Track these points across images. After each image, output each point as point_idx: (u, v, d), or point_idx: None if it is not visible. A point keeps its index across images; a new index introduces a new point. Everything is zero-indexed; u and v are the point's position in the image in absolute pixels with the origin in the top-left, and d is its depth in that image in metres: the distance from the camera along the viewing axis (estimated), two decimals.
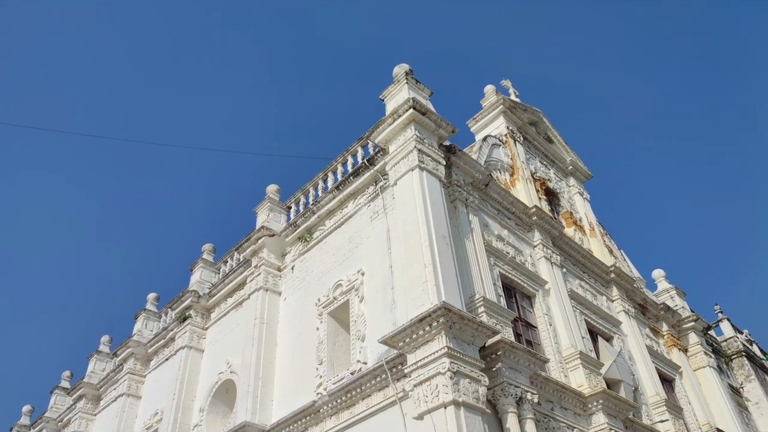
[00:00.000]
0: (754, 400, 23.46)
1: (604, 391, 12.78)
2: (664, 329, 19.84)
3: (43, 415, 23.93)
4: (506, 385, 10.36)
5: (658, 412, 15.61)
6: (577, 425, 12.22)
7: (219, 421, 15.35)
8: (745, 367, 24.39)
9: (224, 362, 15.94)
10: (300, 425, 12.19)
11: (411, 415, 9.66)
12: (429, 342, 9.77)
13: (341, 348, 12.92)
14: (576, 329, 14.39)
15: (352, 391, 11.32)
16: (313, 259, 14.99)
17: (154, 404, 17.77)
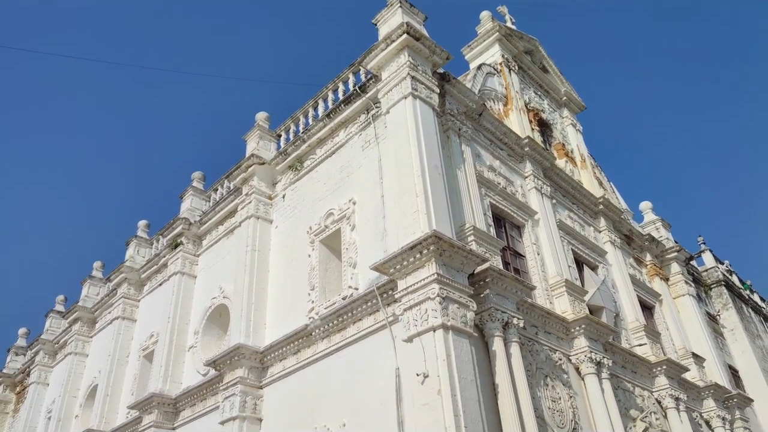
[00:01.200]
0: (730, 327, 24.48)
1: (587, 316, 13.23)
2: (648, 259, 20.34)
3: (39, 337, 24.50)
4: (493, 310, 10.68)
5: (636, 336, 16.27)
6: (559, 348, 12.73)
7: (214, 343, 15.82)
8: (723, 296, 25.27)
9: (217, 288, 16.23)
10: (293, 347, 12.59)
11: (401, 338, 9.99)
12: (419, 269, 9.96)
13: (333, 274, 13.16)
14: (563, 258, 14.71)
15: (343, 315, 11.63)
16: (304, 188, 14.97)
17: (149, 327, 18.22)
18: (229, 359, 13.06)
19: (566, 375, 12.49)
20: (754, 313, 27.68)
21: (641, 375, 15.30)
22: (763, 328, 27.92)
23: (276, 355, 12.92)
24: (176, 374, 15.84)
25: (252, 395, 12.80)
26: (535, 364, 11.73)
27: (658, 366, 15.56)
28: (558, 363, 12.46)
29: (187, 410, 14.98)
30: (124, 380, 18.24)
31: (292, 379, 12.50)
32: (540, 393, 11.37)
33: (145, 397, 15.31)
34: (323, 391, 11.59)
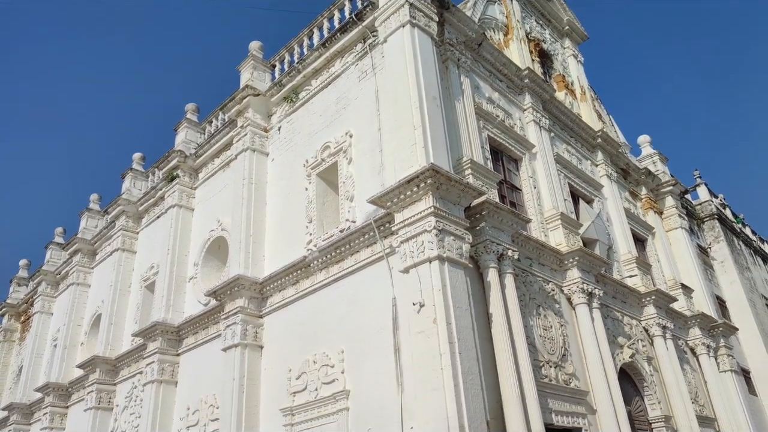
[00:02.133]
0: (720, 260, 24.98)
1: (581, 249, 13.46)
2: (643, 193, 20.47)
3: (40, 268, 24.85)
4: (489, 242, 10.84)
5: (628, 268, 16.62)
6: (552, 279, 13.03)
7: (213, 274, 16.09)
8: (715, 229, 25.62)
9: (215, 220, 16.34)
10: (291, 278, 12.84)
11: (397, 269, 10.18)
12: (416, 202, 10.01)
13: (330, 208, 13.23)
14: (559, 192, 14.78)
15: (341, 247, 11.79)
16: (300, 120, 14.78)
17: (150, 258, 18.47)
18: (229, 290, 13.33)
19: (558, 305, 12.84)
20: (744, 245, 28.18)
21: (630, 305, 15.75)
22: (753, 260, 28.51)
23: (275, 286, 13.19)
24: (178, 304, 16.21)
25: (252, 324, 13.16)
26: (528, 294, 12.03)
27: (648, 296, 16.00)
28: (551, 293, 12.78)
29: (190, 338, 15.44)
30: (127, 310, 18.68)
31: (291, 308, 12.82)
32: (532, 322, 11.73)
33: (149, 326, 15.73)
34: (322, 320, 11.92)
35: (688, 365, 17.28)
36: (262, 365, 12.89)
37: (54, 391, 19.53)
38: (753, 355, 22.98)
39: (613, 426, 11.79)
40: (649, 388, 14.82)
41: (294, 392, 11.80)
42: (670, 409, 14.94)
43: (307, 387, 11.59)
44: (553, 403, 11.17)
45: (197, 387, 14.46)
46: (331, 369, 11.27)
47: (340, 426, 10.62)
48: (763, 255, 30.74)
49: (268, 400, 12.35)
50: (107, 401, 17.47)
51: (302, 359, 11.94)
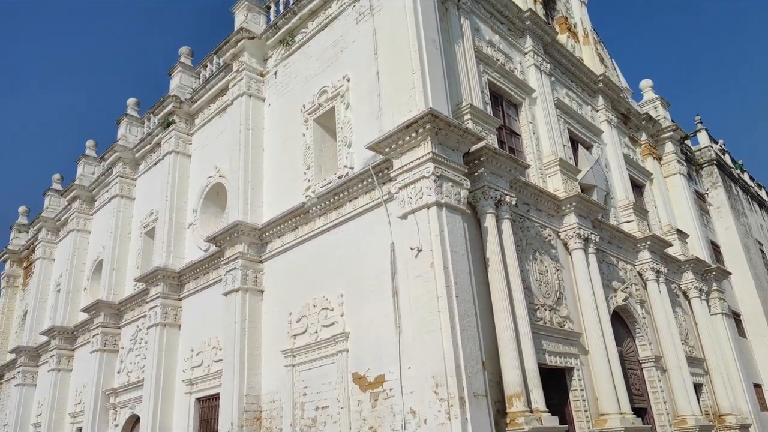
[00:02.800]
0: (716, 205, 25.11)
1: (578, 194, 13.50)
2: (643, 138, 20.34)
3: (39, 215, 24.93)
4: (487, 188, 10.86)
5: (625, 214, 16.72)
6: (549, 225, 13.13)
7: (212, 220, 16.18)
8: (713, 174, 25.62)
9: (212, 167, 16.28)
10: (290, 224, 12.92)
11: (395, 215, 10.24)
12: (415, 148, 9.95)
13: (328, 154, 13.16)
14: (558, 138, 14.68)
15: (339, 193, 11.81)
16: (297, 64, 14.49)
17: (149, 205, 18.52)
18: (229, 236, 13.44)
19: (554, 250, 13.00)
20: (742, 191, 28.26)
21: (626, 250, 15.95)
22: (749, 206, 28.66)
23: (274, 232, 13.29)
24: (178, 250, 16.38)
25: (253, 269, 13.34)
26: (525, 239, 12.16)
27: (643, 241, 16.17)
28: (547, 239, 12.91)
29: (191, 283, 15.68)
30: (128, 255, 18.88)
31: (291, 254, 12.97)
32: (528, 266, 11.90)
33: (150, 271, 15.95)
34: (322, 265, 12.08)
35: (680, 308, 17.67)
36: (263, 309, 13.15)
37: (59, 335, 19.99)
38: (744, 299, 23.46)
39: (605, 366, 12.17)
40: (641, 330, 15.20)
41: (294, 335, 12.10)
42: (661, 349, 15.38)
43: (307, 329, 11.87)
44: (547, 344, 11.49)
45: (200, 330, 14.80)
46: (330, 312, 11.51)
47: (339, 367, 10.95)
48: (760, 201, 30.88)
49: (270, 342, 12.67)
50: (112, 344, 17.91)
51: (302, 303, 12.17)
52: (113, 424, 17.04)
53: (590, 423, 11.67)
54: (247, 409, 12.17)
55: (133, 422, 16.46)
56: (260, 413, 12.30)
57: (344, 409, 10.59)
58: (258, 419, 12.25)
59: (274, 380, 12.25)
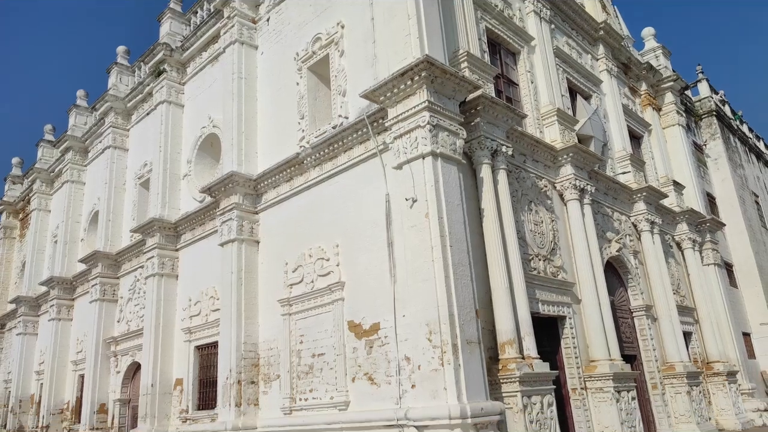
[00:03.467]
0: (714, 157, 25.02)
1: (575, 145, 13.39)
2: (643, 89, 20.05)
3: (33, 166, 24.74)
4: (483, 138, 10.75)
5: (621, 165, 16.65)
6: (545, 176, 13.09)
7: (207, 171, 16.07)
8: (712, 126, 25.41)
9: (206, 117, 16.05)
10: (285, 175, 12.84)
11: (391, 165, 10.17)
12: (410, 96, 9.78)
13: (322, 103, 12.95)
14: (557, 87, 14.45)
15: (334, 143, 11.69)
16: (290, 10, 14.08)
17: (142, 156, 18.35)
18: (224, 186, 13.38)
19: (550, 201, 13.00)
20: (740, 143, 28.11)
21: (621, 201, 15.96)
22: (747, 157, 28.57)
23: (269, 183, 13.23)
24: (173, 201, 16.34)
25: (248, 220, 13.35)
26: (520, 190, 12.13)
27: (639, 193, 16.17)
28: (543, 190, 12.89)
29: (187, 233, 15.72)
30: (123, 207, 18.85)
31: (286, 204, 12.95)
32: (523, 217, 11.92)
33: (146, 222, 15.95)
34: (317, 216, 12.09)
35: (673, 259, 17.85)
36: (259, 259, 13.23)
37: (58, 285, 20.18)
38: (737, 250, 23.71)
39: (596, 314, 12.37)
40: (633, 279, 15.39)
41: (291, 284, 12.22)
42: (652, 299, 15.62)
43: (303, 279, 11.98)
44: (541, 294, 11.64)
45: (198, 280, 14.93)
46: (326, 262, 11.59)
47: (335, 315, 11.11)
48: (758, 152, 30.77)
49: (266, 292, 12.81)
50: (111, 293, 18.11)
51: (298, 253, 12.24)
52: (115, 371, 17.42)
53: (580, 369, 11.96)
54: (245, 356, 12.42)
55: (134, 369, 16.82)
56: (258, 360, 12.56)
57: (340, 356, 10.81)
58: (256, 366, 12.53)
59: (271, 329, 12.45)
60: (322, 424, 10.76)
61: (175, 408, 14.69)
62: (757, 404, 18.32)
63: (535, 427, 9.44)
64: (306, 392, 11.38)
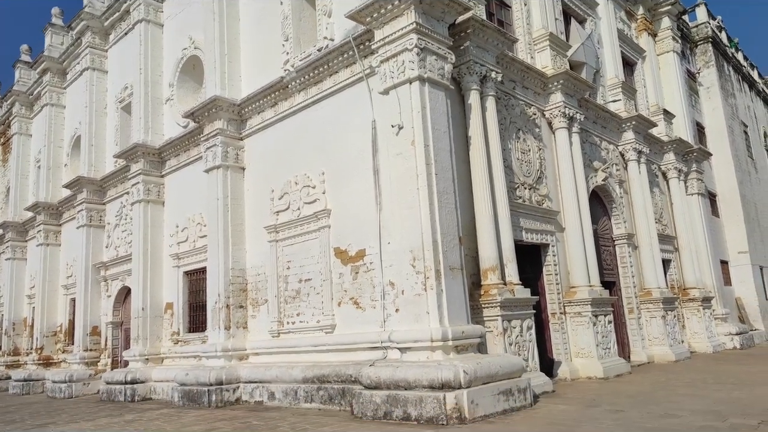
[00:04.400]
0: (707, 85, 24.70)
1: (566, 72, 13.12)
2: (640, 13, 19.44)
3: (11, 88, 23.96)
4: (472, 63, 10.47)
5: (613, 93, 16.43)
6: (535, 103, 12.89)
7: (190, 95, 15.65)
8: (707, 53, 24.91)
9: (187, 38, 15.44)
10: (270, 100, 12.54)
11: (377, 90, 9.93)
12: (398, 17, 9.40)
13: (307, 24, 12.45)
14: (551, 10, 13.96)
15: (319, 67, 11.35)
16: None
17: (123, 79, 17.78)
18: (207, 111, 13.08)
19: (538, 129, 12.88)
20: (734, 71, 27.70)
21: (610, 130, 15.86)
22: (739, 86, 28.25)
23: (254, 108, 12.94)
24: (157, 126, 16.00)
25: (233, 146, 13.16)
26: (509, 118, 11.98)
27: (628, 122, 16.05)
28: (532, 117, 12.74)
29: (172, 160, 15.51)
30: (106, 131, 18.46)
31: (271, 130, 12.73)
32: (511, 145, 11.84)
33: (130, 147, 15.68)
34: (303, 143, 11.92)
35: (658, 188, 18.00)
36: (245, 186, 13.16)
37: (44, 210, 20.08)
38: (722, 180, 23.90)
39: (579, 243, 12.59)
40: (617, 209, 15.56)
41: (277, 211, 12.23)
42: (635, 227, 15.87)
43: (289, 206, 11.98)
44: (525, 222, 11.77)
45: (184, 206, 14.89)
46: (312, 189, 11.55)
47: (321, 242, 11.21)
48: (750, 81, 30.40)
49: (253, 219, 12.84)
50: (98, 219, 18.07)
51: (284, 180, 12.17)
52: (105, 294, 17.68)
53: (560, 295, 12.30)
54: (233, 282, 12.61)
55: (125, 293, 17.08)
56: (246, 285, 12.76)
57: (326, 281, 11.00)
58: (244, 291, 12.74)
59: (258, 255, 12.58)
60: (309, 346, 11.11)
61: (167, 330, 15.06)
62: (730, 328, 19.12)
63: (514, 349, 9.81)
64: (293, 316, 11.66)
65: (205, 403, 11.53)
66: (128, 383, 14.31)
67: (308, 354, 11.13)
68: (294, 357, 11.37)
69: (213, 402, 11.46)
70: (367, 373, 8.68)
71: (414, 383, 8.04)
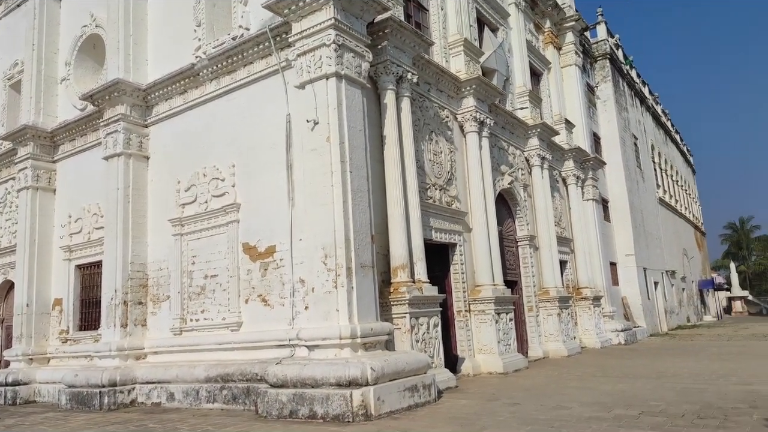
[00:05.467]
0: (603, 99, 26.51)
1: (479, 77, 13.56)
2: (547, 26, 20.50)
3: None
4: (389, 63, 10.55)
5: (520, 101, 17.20)
6: (448, 106, 13.22)
7: (89, 77, 14.60)
8: (605, 68, 26.74)
9: (87, 14, 14.41)
10: (179, 87, 11.97)
11: (293, 84, 9.75)
12: (316, 12, 9.28)
13: (222, 11, 12.00)
14: (466, 17, 14.37)
15: (233, 56, 10.98)
16: None
17: (13, 54, 16.29)
18: (108, 94, 12.26)
19: (450, 132, 13.22)
20: (627, 87, 29.92)
21: (517, 136, 16.60)
22: (632, 101, 30.56)
23: (161, 94, 12.30)
24: (50, 107, 14.80)
25: (137, 133, 12.44)
26: (423, 119, 12.19)
27: (534, 129, 16.88)
28: (445, 120, 13.05)
29: (66, 144, 14.40)
30: None
31: (180, 119, 12.16)
32: (424, 146, 12.07)
33: (18, 129, 14.38)
34: (213, 133, 11.49)
35: (558, 193, 19.08)
36: (149, 176, 12.48)
37: None
38: (614, 187, 25.75)
39: (484, 243, 13.06)
40: (521, 211, 16.33)
41: (183, 204, 11.70)
42: (536, 230, 16.73)
43: (196, 199, 11.50)
44: (435, 222, 12.04)
45: (79, 195, 13.88)
46: (221, 182, 11.16)
47: (230, 237, 10.86)
48: (642, 97, 32.99)
49: (156, 211, 12.20)
50: None
51: (192, 172, 11.67)
52: None
53: (466, 293, 12.71)
54: (132, 276, 11.92)
55: (7, 287, 15.68)
56: (147, 281, 12.12)
57: (234, 277, 10.67)
58: (144, 287, 12.09)
59: (161, 249, 11.98)
60: (213, 344, 10.73)
61: (55, 328, 13.97)
62: (616, 325, 20.64)
63: (420, 346, 10.01)
64: (198, 313, 11.21)
65: (97, 405, 10.81)
66: (9, 385, 13.16)
67: (212, 352, 10.75)
68: (197, 356, 10.94)
69: (105, 405, 10.77)
70: (274, 371, 8.52)
71: (321, 381, 7.99)
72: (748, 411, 7.22)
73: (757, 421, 6.59)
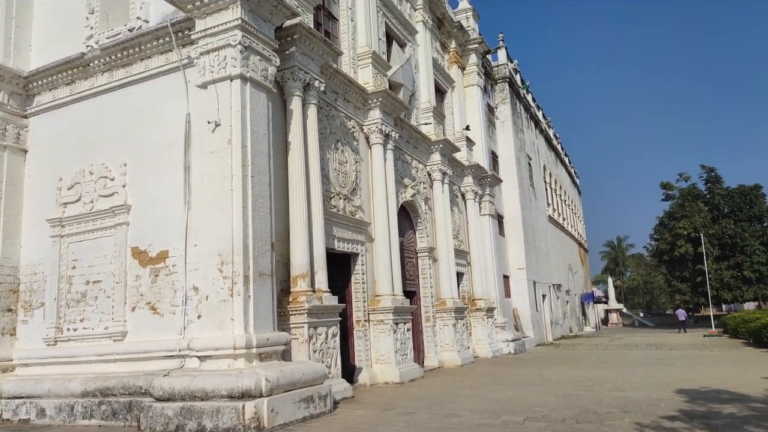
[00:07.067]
0: (502, 119, 27.88)
1: (386, 90, 13.76)
2: (452, 46, 21.28)
3: None
4: (297, 69, 10.43)
5: (425, 116, 17.66)
6: (354, 117, 13.28)
7: None
8: (504, 91, 28.17)
9: None
10: (66, 76, 11.10)
11: (194, 83, 9.35)
12: (222, 10, 8.99)
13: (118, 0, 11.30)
14: (375, 30, 14.57)
15: (129, 49, 10.36)
16: None
17: None
18: None
19: (356, 142, 13.28)
20: (524, 110, 31.71)
21: (421, 150, 17.01)
22: (528, 124, 32.41)
23: (44, 83, 11.34)
24: None
25: (14, 123, 11.36)
26: (329, 128, 12.15)
27: (437, 144, 17.38)
28: (351, 130, 13.09)
29: None
30: None
31: (65, 111, 11.26)
32: (329, 155, 12.02)
33: None
34: (103, 129, 10.74)
35: (457, 207, 19.75)
36: (26, 171, 11.44)
37: None
38: (509, 204, 27.08)
39: (386, 253, 13.21)
40: (422, 224, 16.71)
41: (65, 203, 10.81)
42: (436, 242, 17.18)
43: (81, 198, 10.67)
44: (338, 231, 12.00)
45: None
46: (110, 182, 10.44)
47: (117, 240, 10.16)
48: (536, 120, 35.09)
49: (33, 209, 11.19)
50: None
51: (77, 168, 10.82)
52: None
53: (366, 303, 12.76)
54: (1, 281, 10.82)
55: None
56: (18, 286, 11.04)
57: (120, 284, 9.98)
58: (15, 292, 11.00)
59: (37, 251, 10.98)
60: (93, 356, 9.95)
61: None
62: (507, 336, 21.62)
63: (318, 356, 9.88)
64: (76, 322, 10.36)
65: None
66: None
67: (92, 364, 9.95)
68: (74, 368, 10.07)
69: None
70: (160, 383, 8.04)
71: (212, 393, 7.64)
72: (621, 415, 7.80)
73: (629, 425, 7.13)
